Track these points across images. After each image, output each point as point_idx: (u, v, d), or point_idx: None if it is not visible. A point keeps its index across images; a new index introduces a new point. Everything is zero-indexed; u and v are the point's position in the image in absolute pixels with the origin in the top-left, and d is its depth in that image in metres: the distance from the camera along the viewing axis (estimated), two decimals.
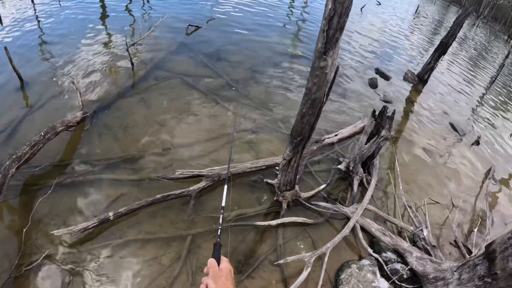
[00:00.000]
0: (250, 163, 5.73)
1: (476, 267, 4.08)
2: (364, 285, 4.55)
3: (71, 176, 5.21)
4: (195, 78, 8.22)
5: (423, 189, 6.85)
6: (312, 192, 5.69)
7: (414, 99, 10.65)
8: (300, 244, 5.02)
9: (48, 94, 6.80)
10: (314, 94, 3.87)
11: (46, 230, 4.39)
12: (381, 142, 5.70)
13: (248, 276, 4.45)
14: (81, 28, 9.75)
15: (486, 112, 11.73)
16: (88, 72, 7.75)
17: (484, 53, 19.77)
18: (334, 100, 8.93)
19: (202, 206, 5.21)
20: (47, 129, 5.33)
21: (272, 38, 11.77)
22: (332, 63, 3.60)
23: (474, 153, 8.81)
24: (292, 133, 4.49)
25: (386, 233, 5.20)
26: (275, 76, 9.32)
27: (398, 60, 13.29)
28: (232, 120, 7.09)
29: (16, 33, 9.13)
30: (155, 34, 9.95)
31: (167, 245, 4.60)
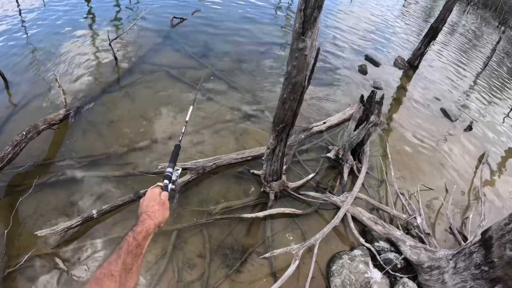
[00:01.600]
0: (235, 154, 5.54)
1: (472, 255, 3.95)
2: (357, 276, 4.40)
3: (55, 175, 5.04)
4: (180, 70, 8.00)
5: (416, 175, 6.70)
6: (300, 182, 5.51)
7: (405, 85, 10.49)
8: (289, 236, 4.87)
9: (32, 92, 6.58)
10: (294, 78, 3.65)
11: (31, 231, 4.22)
12: (370, 128, 5.51)
13: (236, 270, 4.31)
14: (65, 24, 9.43)
15: (478, 98, 11.58)
16: (72, 68, 7.51)
17: (474, 39, 19.67)
18: (323, 88, 8.76)
19: (188, 200, 5.04)
20: (29, 128, 5.13)
21: (259, 27, 11.53)
22: (312, 44, 3.39)
23: (467, 138, 8.66)
24: (274, 120, 4.28)
25: (378, 221, 5.04)
26: (262, 65, 9.13)
27: (388, 47, 13.09)
28: (218, 111, 6.92)
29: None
30: (140, 26, 9.74)
31: (152, 241, 4.36)
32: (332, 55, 10.78)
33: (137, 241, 1.36)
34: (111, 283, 1.16)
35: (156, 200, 1.65)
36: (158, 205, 1.62)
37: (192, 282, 4.11)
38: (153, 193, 1.69)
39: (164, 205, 1.66)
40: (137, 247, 1.35)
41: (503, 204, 6.76)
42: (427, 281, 4.37)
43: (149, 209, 1.58)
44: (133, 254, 1.31)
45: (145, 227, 1.45)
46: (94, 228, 4.47)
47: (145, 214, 1.53)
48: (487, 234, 3.85)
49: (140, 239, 1.39)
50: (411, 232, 5.28)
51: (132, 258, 1.30)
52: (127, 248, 1.31)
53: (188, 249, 4.44)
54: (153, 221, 1.52)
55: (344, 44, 12.04)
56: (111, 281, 1.16)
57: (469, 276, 3.91)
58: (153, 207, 1.59)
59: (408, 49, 13.27)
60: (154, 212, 1.57)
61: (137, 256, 1.34)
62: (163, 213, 1.61)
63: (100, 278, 1.15)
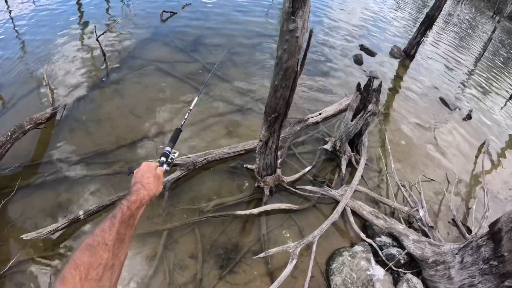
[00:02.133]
0: (227, 148, 5.30)
1: (480, 249, 3.74)
2: (358, 274, 4.18)
3: (42, 175, 4.83)
4: (170, 64, 7.78)
5: (416, 166, 6.50)
6: (297, 176, 5.29)
7: (402, 74, 10.31)
8: (285, 232, 4.65)
9: (20, 92, 6.36)
10: (285, 63, 3.39)
11: (18, 235, 4.02)
12: (368, 117, 5.28)
13: (231, 271, 4.11)
14: (53, 21, 9.18)
15: (475, 86, 11.44)
16: (60, 66, 7.28)
17: (470, 29, 19.64)
18: (318, 78, 8.54)
19: (179, 198, 4.83)
20: (14, 129, 4.95)
21: (252, 20, 11.30)
22: (303, 25, 3.13)
23: (466, 127, 8.48)
24: (266, 110, 4.01)
25: (379, 215, 4.81)
26: (254, 57, 8.91)
27: (383, 36, 12.91)
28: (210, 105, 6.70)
29: None
30: (129, 21, 9.53)
31: (143, 242, 4.25)
32: (326, 46, 10.57)
33: (131, 211, 1.32)
34: (105, 252, 1.10)
35: (152, 172, 1.62)
36: (153, 177, 1.59)
37: (184, 284, 3.91)
38: (149, 166, 1.67)
39: (159, 179, 1.64)
40: (130, 218, 1.30)
41: (506, 193, 6.56)
42: (432, 277, 4.16)
43: (144, 179, 1.54)
44: (126, 224, 1.26)
45: (140, 197, 1.42)
46: (81, 230, 4.28)
47: (139, 184, 1.50)
48: (496, 226, 3.63)
49: (134, 209, 1.34)
50: (414, 226, 5.09)
51: (125, 228, 1.25)
52: (121, 217, 1.25)
53: (180, 250, 4.24)
54: (147, 192, 1.49)
55: (338, 34, 11.85)
56: (104, 250, 1.10)
57: (477, 271, 3.71)
58: (148, 178, 1.56)
59: (404, 38, 13.12)
60: (149, 183, 1.54)
61: (130, 226, 1.29)
62: (157, 186, 1.59)
63: (93, 245, 1.08)
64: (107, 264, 1.08)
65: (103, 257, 1.08)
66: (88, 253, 1.05)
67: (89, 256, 1.04)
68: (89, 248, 1.07)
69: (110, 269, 1.10)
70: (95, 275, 1.03)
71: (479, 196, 6.10)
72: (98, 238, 1.11)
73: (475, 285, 3.72)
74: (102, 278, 1.06)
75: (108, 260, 1.09)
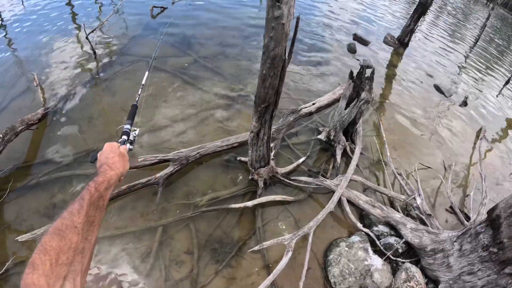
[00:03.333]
0: (220, 141, 5.23)
1: (478, 236, 3.69)
2: (356, 264, 4.13)
3: (35, 176, 4.76)
4: (161, 60, 7.67)
5: (412, 154, 6.45)
6: (291, 167, 5.23)
7: (396, 62, 10.25)
8: (281, 224, 4.59)
9: (11, 93, 6.28)
10: (272, 51, 3.30)
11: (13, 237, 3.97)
12: (362, 105, 5.21)
13: (227, 265, 4.05)
14: (43, 21, 9.08)
15: (470, 73, 11.40)
16: (50, 65, 7.18)
17: (463, 16, 19.61)
18: (310, 68, 8.49)
19: (173, 193, 4.76)
20: (6, 131, 4.87)
21: (244, 11, 11.23)
22: (289, 11, 3.03)
23: (462, 113, 8.43)
24: (255, 100, 3.94)
25: (376, 204, 4.76)
26: (246, 49, 8.83)
27: (377, 25, 12.84)
28: (203, 98, 6.62)
29: None
30: (118, 18, 9.45)
31: (138, 239, 4.19)
32: (319, 35, 10.51)
33: (99, 192, 1.29)
34: (74, 235, 1.08)
35: (116, 152, 1.59)
36: (118, 156, 1.56)
37: (180, 280, 3.86)
38: (112, 146, 1.63)
39: (124, 157, 1.62)
40: (99, 199, 1.28)
41: (503, 179, 6.52)
42: (431, 265, 4.12)
43: (109, 160, 1.51)
44: (95, 205, 1.24)
45: (107, 177, 1.39)
46: None
47: (105, 165, 1.47)
48: (494, 213, 3.58)
49: (102, 190, 1.32)
50: (411, 214, 5.03)
51: (94, 210, 1.23)
52: (90, 199, 1.22)
53: (175, 246, 4.18)
54: (114, 171, 1.46)
55: (331, 24, 11.78)
56: (74, 233, 1.08)
57: (476, 258, 3.67)
58: (113, 158, 1.53)
59: (397, 26, 13.06)
60: (114, 163, 1.51)
61: (99, 208, 1.28)
62: (123, 165, 1.57)
63: (62, 229, 1.06)
64: (77, 248, 1.07)
65: (72, 241, 1.06)
66: (57, 237, 1.03)
67: (58, 241, 1.03)
68: (57, 232, 1.05)
69: (81, 252, 1.09)
70: (66, 259, 1.02)
71: (477, 182, 6.04)
72: (66, 221, 1.09)
73: (474, 272, 3.67)
74: (73, 262, 1.04)
75: (78, 243, 1.08)
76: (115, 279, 3.80)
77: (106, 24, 8.67)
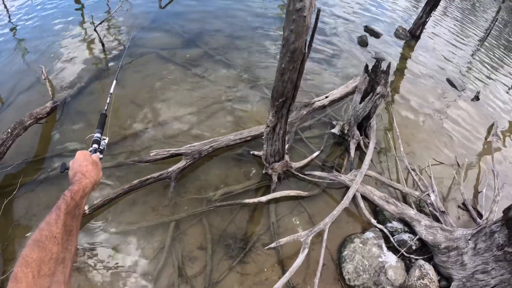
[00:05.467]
0: (233, 135, 5.19)
1: (493, 235, 3.65)
2: (370, 261, 4.10)
3: (45, 171, 4.75)
4: (170, 51, 7.62)
5: (424, 149, 6.37)
6: (305, 161, 5.19)
7: (408, 55, 10.09)
8: (295, 220, 4.56)
9: (19, 88, 6.25)
10: (292, 44, 3.24)
11: (23, 233, 4.02)
12: (377, 100, 5.14)
13: (240, 261, 4.02)
14: (50, 14, 9.02)
15: (482, 67, 11.21)
16: (58, 58, 7.14)
17: (474, 9, 19.36)
18: (322, 61, 8.39)
19: (185, 188, 4.74)
20: (15, 125, 4.85)
21: (254, 2, 11.08)
22: (311, 3, 2.97)
23: (474, 108, 8.32)
24: (273, 94, 3.87)
25: (390, 200, 4.71)
26: (257, 41, 8.73)
27: (387, 17, 12.65)
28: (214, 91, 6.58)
29: None
30: (127, 9, 9.36)
31: (150, 234, 4.18)
32: (329, 27, 10.35)
33: (75, 201, 1.29)
34: (54, 245, 1.07)
35: (89, 160, 1.59)
36: (91, 164, 1.56)
37: (194, 276, 3.83)
38: (84, 154, 1.63)
39: (98, 165, 1.63)
40: (75, 208, 1.28)
41: None
42: (444, 263, 4.09)
43: (82, 168, 1.51)
44: (72, 214, 1.23)
45: (82, 185, 1.40)
46: (86, 225, 4.19)
47: (79, 174, 1.47)
48: (510, 212, 3.53)
49: (78, 199, 1.32)
50: (424, 210, 4.97)
51: (71, 219, 1.22)
52: (66, 208, 1.22)
53: (188, 241, 4.15)
54: (89, 179, 1.47)
55: (341, 15, 11.60)
56: (53, 243, 1.07)
57: (491, 257, 3.63)
58: (87, 167, 1.53)
59: (407, 18, 12.91)
60: (88, 171, 1.51)
61: (76, 217, 1.26)
62: (97, 173, 1.57)
63: (41, 240, 1.05)
64: (58, 258, 1.06)
65: (53, 251, 1.05)
66: (37, 249, 1.02)
67: (38, 252, 1.02)
68: (37, 244, 1.04)
69: (62, 262, 1.07)
70: (48, 270, 1.01)
71: (489, 179, 5.98)
72: (45, 232, 1.08)
73: (488, 271, 3.64)
74: (55, 272, 1.03)
75: (58, 253, 1.06)
76: (128, 275, 3.80)
77: (114, 15, 8.61)
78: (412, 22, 11.40)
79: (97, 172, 1.57)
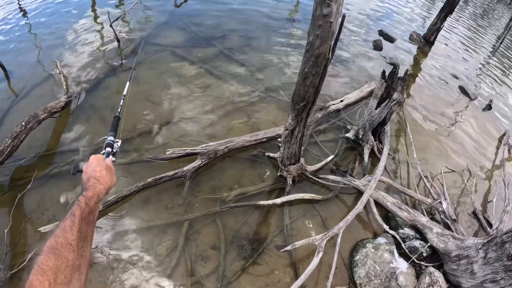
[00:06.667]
0: (249, 136, 5.22)
1: (504, 245, 3.66)
2: (382, 266, 4.13)
3: (58, 165, 4.77)
4: (185, 50, 7.66)
5: (437, 156, 6.37)
6: (319, 165, 5.21)
7: (421, 61, 10.07)
8: (308, 223, 4.58)
9: (33, 81, 6.28)
10: (317, 49, 3.27)
11: (36, 227, 4.00)
12: (393, 106, 5.16)
13: (253, 263, 4.04)
14: (65, 8, 9.10)
15: (495, 75, 11.15)
16: (73, 53, 7.19)
17: (487, 16, 19.26)
18: (337, 64, 8.37)
19: (200, 187, 4.76)
20: (29, 118, 4.86)
21: (268, 3, 11.09)
22: (338, 9, 3.01)
23: (486, 117, 8.30)
24: (293, 98, 3.91)
25: (403, 207, 4.73)
26: (272, 42, 8.74)
27: (402, 22, 12.63)
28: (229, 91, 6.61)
29: None
30: (142, 6, 9.43)
31: (163, 233, 4.21)
32: (345, 31, 10.28)
33: (89, 207, 1.28)
34: (70, 253, 1.06)
35: (103, 165, 1.57)
36: (105, 170, 1.55)
37: (206, 276, 3.86)
38: (97, 158, 1.62)
39: (111, 170, 1.61)
40: (90, 214, 1.27)
41: None
42: (454, 271, 4.10)
43: (96, 173, 1.50)
44: (86, 220, 1.22)
45: (96, 192, 1.39)
46: (99, 222, 4.21)
47: (93, 179, 1.46)
48: None
49: (92, 205, 1.32)
50: (435, 218, 5.00)
51: (86, 225, 1.21)
52: (81, 214, 1.21)
53: (201, 241, 4.18)
54: (103, 185, 1.46)
55: (356, 19, 11.60)
56: (69, 250, 1.06)
57: (501, 267, 3.65)
58: (101, 172, 1.52)
59: (421, 23, 12.88)
60: (102, 176, 1.50)
61: (91, 223, 1.26)
62: (111, 178, 1.56)
63: (57, 248, 1.05)
64: (74, 265, 1.06)
65: (69, 259, 1.05)
66: (53, 256, 1.02)
67: (54, 260, 1.01)
68: (53, 251, 1.03)
69: (78, 270, 1.08)
70: (64, 278, 1.00)
71: (499, 189, 5.96)
72: (60, 239, 1.08)
73: (497, 281, 3.66)
74: (71, 280, 1.03)
75: (74, 261, 1.06)
76: (140, 272, 3.83)
77: (130, 12, 8.64)
78: (426, 28, 11.37)
79: (111, 177, 1.57)
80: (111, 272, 3.79)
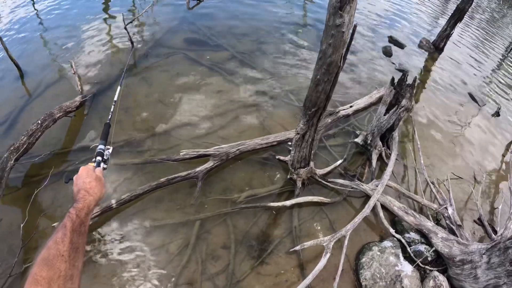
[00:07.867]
0: (260, 139, 5.33)
1: (507, 251, 3.72)
2: (387, 269, 4.22)
3: (73, 163, 4.91)
4: (198, 53, 7.75)
5: (443, 163, 6.42)
6: (329, 169, 5.30)
7: (431, 67, 10.08)
8: (316, 225, 4.68)
9: (47, 80, 6.44)
10: (329, 57, 3.41)
11: (50, 223, 4.15)
12: (401, 112, 5.25)
13: (262, 262, 4.15)
14: (79, 10, 9.26)
15: (504, 82, 11.11)
16: (87, 54, 7.32)
17: (498, 22, 19.12)
18: (347, 70, 8.43)
19: (211, 188, 4.88)
20: (45, 117, 5.01)
21: (279, 8, 11.12)
22: (350, 20, 3.14)
23: (494, 124, 8.32)
24: (305, 103, 4.04)
25: (409, 211, 4.82)
26: (283, 46, 8.81)
27: (411, 28, 12.59)
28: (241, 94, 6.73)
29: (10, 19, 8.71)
30: (156, 9, 9.57)
31: (174, 231, 4.33)
32: (355, 36, 10.30)
33: (80, 219, 1.34)
34: (62, 263, 1.12)
35: (92, 176, 1.62)
36: (95, 181, 1.60)
37: (216, 274, 3.98)
38: (87, 169, 1.67)
39: (101, 180, 1.66)
40: (81, 225, 1.32)
41: None
42: (458, 275, 4.18)
43: (86, 185, 1.55)
44: (78, 232, 1.28)
45: (86, 203, 1.44)
46: (113, 219, 4.37)
47: (83, 191, 1.51)
48: None
49: (83, 216, 1.37)
50: (441, 223, 5.07)
51: (78, 236, 1.26)
52: (72, 226, 1.27)
53: (212, 240, 4.29)
54: (92, 197, 1.51)
55: (365, 25, 11.59)
56: (61, 261, 1.12)
57: (504, 272, 3.72)
58: (91, 183, 1.57)
59: (431, 29, 12.86)
60: (92, 188, 1.55)
61: (82, 234, 1.30)
62: (100, 189, 1.60)
63: (49, 259, 1.11)
64: (66, 275, 1.11)
65: (61, 269, 1.10)
66: (45, 267, 1.07)
67: (47, 270, 1.07)
68: (45, 262, 1.09)
69: (70, 279, 1.12)
70: (57, 287, 1.06)
71: (505, 196, 6.03)
72: (52, 250, 1.13)
73: (500, 286, 3.73)
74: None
75: (66, 271, 1.11)
76: (151, 269, 3.94)
77: (144, 14, 8.76)
78: (435, 34, 11.37)
79: (101, 188, 1.61)
80: (122, 267, 3.91)
